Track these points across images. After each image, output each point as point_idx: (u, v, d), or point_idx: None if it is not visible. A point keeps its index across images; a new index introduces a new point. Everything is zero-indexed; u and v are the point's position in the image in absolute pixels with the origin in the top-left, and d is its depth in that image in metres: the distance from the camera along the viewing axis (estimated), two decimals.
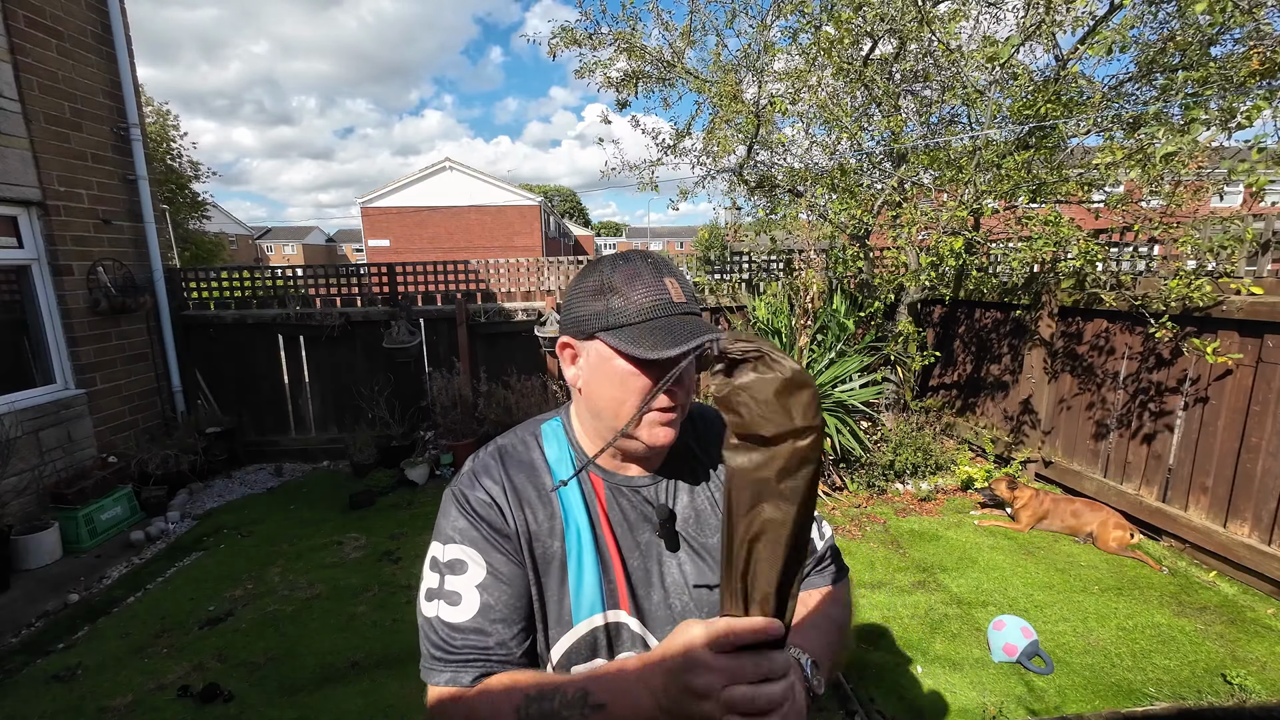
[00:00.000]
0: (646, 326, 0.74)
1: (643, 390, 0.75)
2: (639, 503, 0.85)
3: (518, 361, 5.16)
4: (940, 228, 3.89)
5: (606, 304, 0.76)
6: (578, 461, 0.85)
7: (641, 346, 0.71)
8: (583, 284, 0.80)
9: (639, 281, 0.76)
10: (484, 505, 0.80)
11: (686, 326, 0.73)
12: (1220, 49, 3.33)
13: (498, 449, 0.86)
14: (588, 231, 61.85)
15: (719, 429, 0.93)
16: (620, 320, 0.75)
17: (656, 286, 0.76)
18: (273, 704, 2.32)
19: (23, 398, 3.76)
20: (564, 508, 0.82)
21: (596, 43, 4.82)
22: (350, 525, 3.91)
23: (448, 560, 0.78)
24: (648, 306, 0.75)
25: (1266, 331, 2.83)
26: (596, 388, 0.79)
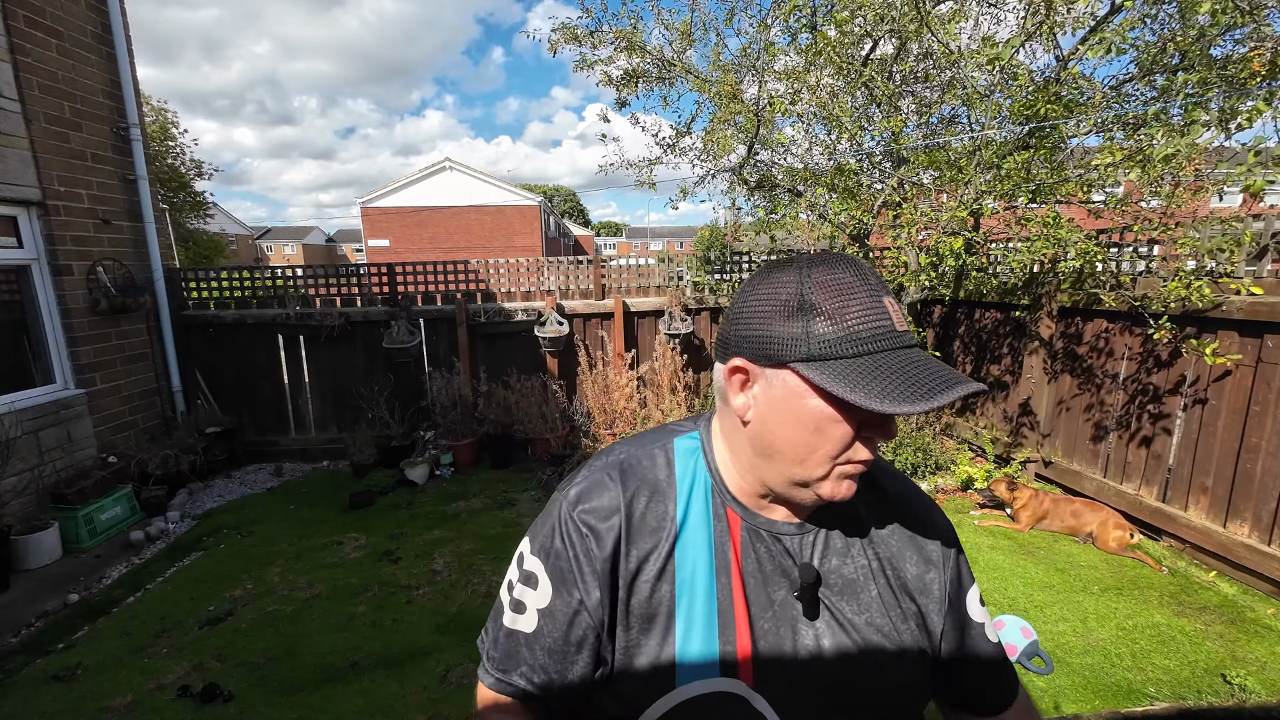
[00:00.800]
0: (868, 364, 0.59)
1: (843, 439, 0.62)
2: (779, 553, 0.71)
3: (518, 361, 5.16)
4: (940, 228, 3.89)
5: (806, 327, 0.61)
6: (714, 494, 0.72)
7: (867, 392, 0.57)
8: (766, 294, 0.64)
9: (852, 301, 0.61)
10: (581, 534, 0.69)
11: (923, 368, 0.59)
12: (1220, 50, 3.33)
13: (620, 463, 0.74)
14: (588, 231, 61.87)
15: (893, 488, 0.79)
16: (829, 351, 0.60)
17: (875, 309, 0.61)
18: (272, 704, 2.32)
19: (22, 398, 3.76)
20: (685, 545, 0.70)
21: (597, 40, 4.82)
22: (350, 525, 3.91)
23: (527, 569, 0.73)
24: (866, 336, 0.60)
25: (1266, 332, 2.84)
26: (778, 427, 0.64)
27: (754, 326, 0.64)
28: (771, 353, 0.63)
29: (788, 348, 0.62)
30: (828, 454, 0.63)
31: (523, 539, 0.76)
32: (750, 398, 0.66)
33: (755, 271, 0.69)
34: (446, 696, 2.33)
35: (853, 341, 0.60)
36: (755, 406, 0.66)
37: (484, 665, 0.74)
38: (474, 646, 2.61)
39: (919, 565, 0.75)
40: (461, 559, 3.41)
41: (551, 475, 4.37)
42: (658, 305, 5.28)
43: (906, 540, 0.75)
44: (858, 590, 0.72)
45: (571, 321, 5.19)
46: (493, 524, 3.86)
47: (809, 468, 0.64)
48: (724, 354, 0.68)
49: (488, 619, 0.77)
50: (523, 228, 26.08)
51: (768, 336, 0.63)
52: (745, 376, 0.66)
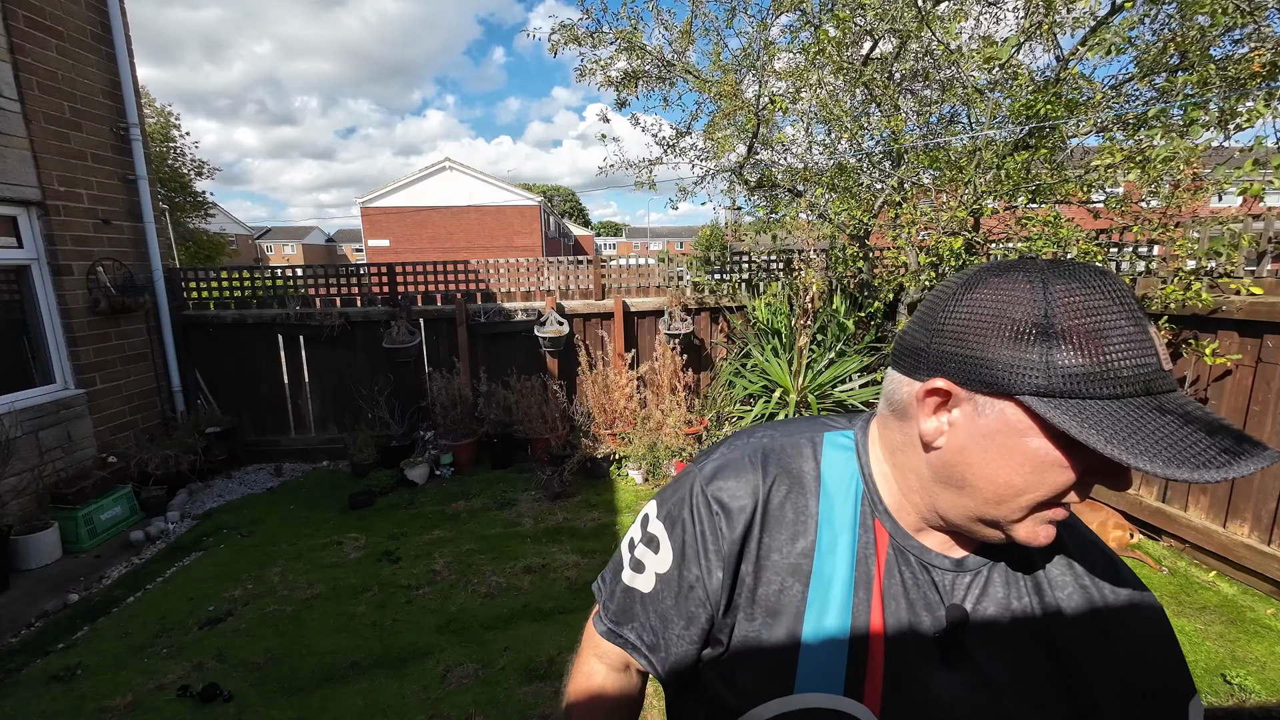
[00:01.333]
0: (1129, 410, 0.49)
1: (1060, 487, 0.53)
2: (925, 584, 0.63)
3: (518, 361, 5.16)
4: (940, 228, 3.89)
5: (1047, 355, 0.50)
6: (864, 501, 0.65)
7: (1134, 448, 0.46)
8: (989, 306, 0.53)
9: (1110, 328, 0.49)
10: (711, 511, 0.66)
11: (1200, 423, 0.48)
12: (1220, 50, 3.33)
13: (762, 448, 0.69)
14: (588, 231, 61.88)
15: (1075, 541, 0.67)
16: (1077, 388, 0.49)
17: (1138, 342, 0.49)
18: (272, 704, 2.32)
19: (22, 398, 3.75)
20: (824, 547, 0.64)
21: (597, 41, 4.83)
22: (350, 525, 3.91)
23: (650, 531, 0.73)
24: (1128, 376, 0.49)
25: (1266, 332, 2.84)
26: (981, 463, 0.55)
27: (968, 344, 0.54)
28: (992, 379, 0.52)
29: (1017, 376, 0.51)
30: (1036, 499, 0.54)
31: (649, 502, 0.76)
32: (946, 423, 0.57)
33: (967, 273, 0.57)
34: (446, 696, 2.33)
35: (1110, 381, 0.49)
36: (952, 434, 0.57)
37: (599, 613, 0.78)
38: (475, 646, 2.63)
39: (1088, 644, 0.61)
40: (461, 559, 3.41)
41: (551, 475, 4.37)
42: (658, 305, 5.28)
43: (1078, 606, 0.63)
44: (1004, 639, 0.61)
45: (571, 321, 5.19)
46: (493, 524, 3.86)
47: (1008, 510, 0.55)
48: (915, 368, 0.59)
49: (607, 567, 0.80)
50: (523, 228, 26.08)
51: (988, 360, 0.52)
52: (946, 400, 0.56)
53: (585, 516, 3.94)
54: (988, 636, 0.61)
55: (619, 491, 4.35)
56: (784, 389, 4.15)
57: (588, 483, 4.51)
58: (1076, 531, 0.68)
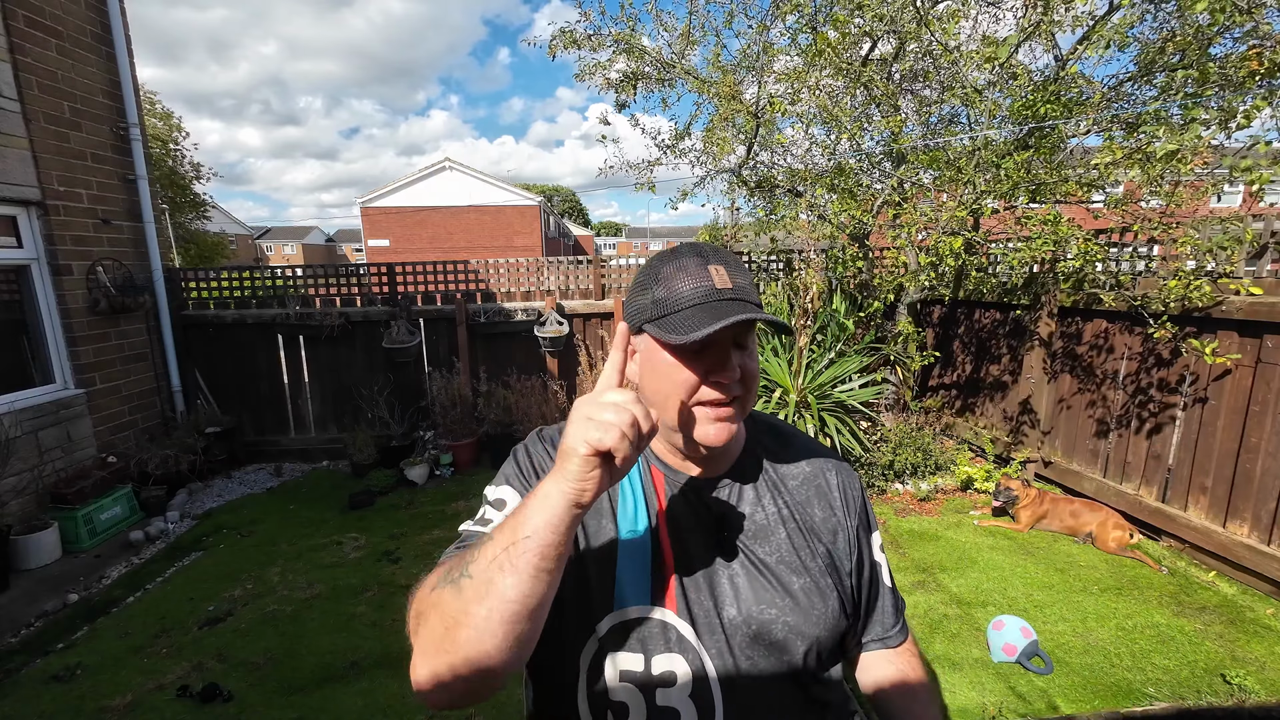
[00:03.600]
0: (686, 315, 0.73)
1: (688, 384, 0.74)
2: (698, 505, 0.83)
3: (518, 361, 5.16)
4: (940, 228, 3.89)
5: (652, 296, 0.76)
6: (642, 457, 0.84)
7: (675, 333, 0.71)
8: (636, 280, 0.81)
9: (683, 272, 0.76)
10: (541, 458, 0.84)
11: (723, 309, 0.71)
12: (1219, 49, 3.33)
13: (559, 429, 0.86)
14: (588, 231, 61.86)
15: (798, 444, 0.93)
16: (660, 310, 0.75)
17: (699, 275, 0.75)
18: (272, 704, 2.32)
19: (22, 398, 3.75)
20: (624, 491, 0.82)
21: (596, 44, 4.83)
22: (350, 525, 3.91)
23: (494, 498, 0.82)
24: (687, 294, 0.74)
25: (1266, 332, 2.84)
26: (646, 382, 0.78)
27: (628, 306, 0.81)
28: (633, 322, 0.78)
29: (640, 315, 0.77)
30: (678, 396, 0.74)
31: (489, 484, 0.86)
32: (635, 364, 0.80)
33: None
34: None
35: (676, 300, 0.74)
36: (639, 368, 0.79)
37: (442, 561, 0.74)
38: None
39: (824, 510, 0.87)
40: None
41: None
42: None
43: (813, 490, 0.88)
44: (768, 534, 0.83)
45: (571, 321, 5.19)
46: None
47: (669, 411, 0.76)
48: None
49: None
50: (522, 227, 26.07)
51: (632, 311, 0.79)
52: (633, 347, 0.79)
53: None
54: (750, 530, 0.83)
55: None
56: (784, 389, 4.16)
57: None
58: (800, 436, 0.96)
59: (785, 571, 0.81)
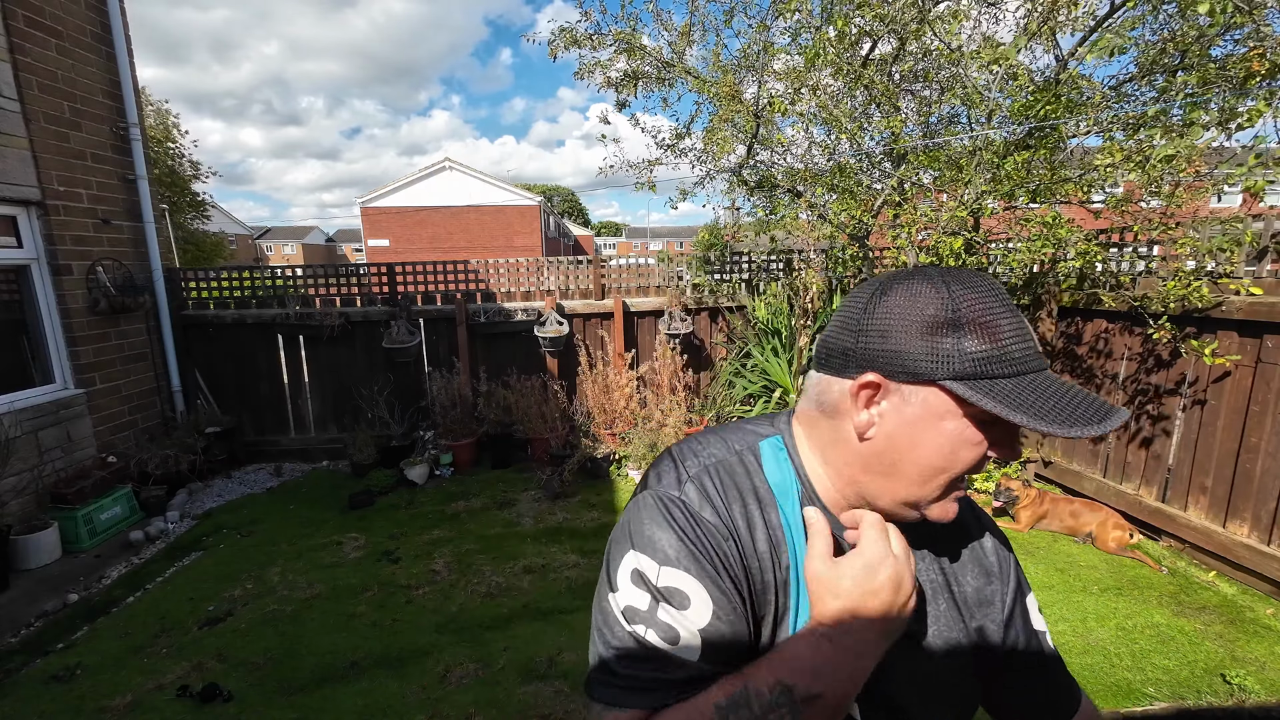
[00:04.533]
0: (1024, 384, 0.58)
1: (972, 462, 0.61)
2: None
3: (518, 361, 5.16)
4: (940, 228, 3.89)
5: (958, 344, 0.58)
6: (802, 500, 0.69)
7: (1033, 414, 0.55)
8: (904, 307, 0.61)
9: (1001, 319, 0.59)
10: (714, 532, 0.64)
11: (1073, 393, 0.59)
12: (1220, 50, 3.33)
13: (718, 465, 0.69)
14: (588, 231, 61.88)
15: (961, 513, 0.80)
16: (983, 369, 0.58)
17: (1021, 329, 0.60)
18: (272, 704, 2.32)
19: (22, 397, 3.75)
20: (795, 553, 0.68)
21: (596, 43, 4.83)
22: (350, 525, 3.91)
23: (665, 586, 0.62)
24: (1019, 356, 0.58)
25: (1266, 332, 2.84)
26: (908, 447, 0.62)
27: (892, 340, 0.61)
28: (915, 369, 0.59)
29: (937, 364, 0.59)
30: (953, 476, 0.61)
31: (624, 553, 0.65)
32: (878, 415, 0.63)
33: (876, 280, 0.65)
34: (446, 696, 2.33)
35: (1007, 361, 0.58)
36: (882, 424, 0.63)
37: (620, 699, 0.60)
38: (475, 646, 2.63)
39: (979, 578, 0.75)
40: (461, 559, 3.41)
41: (551, 475, 4.37)
42: (658, 305, 5.28)
43: (966, 552, 0.76)
44: (924, 604, 0.71)
45: (571, 321, 5.19)
46: (492, 524, 3.86)
47: (929, 489, 0.63)
48: (845, 367, 0.64)
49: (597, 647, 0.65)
50: (522, 227, 26.08)
51: (910, 352, 0.60)
52: (875, 392, 0.63)
53: (585, 516, 3.94)
54: None
55: (619, 491, 4.35)
56: (784, 389, 4.15)
57: (588, 482, 4.51)
58: None
59: (940, 646, 0.71)
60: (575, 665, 2.48)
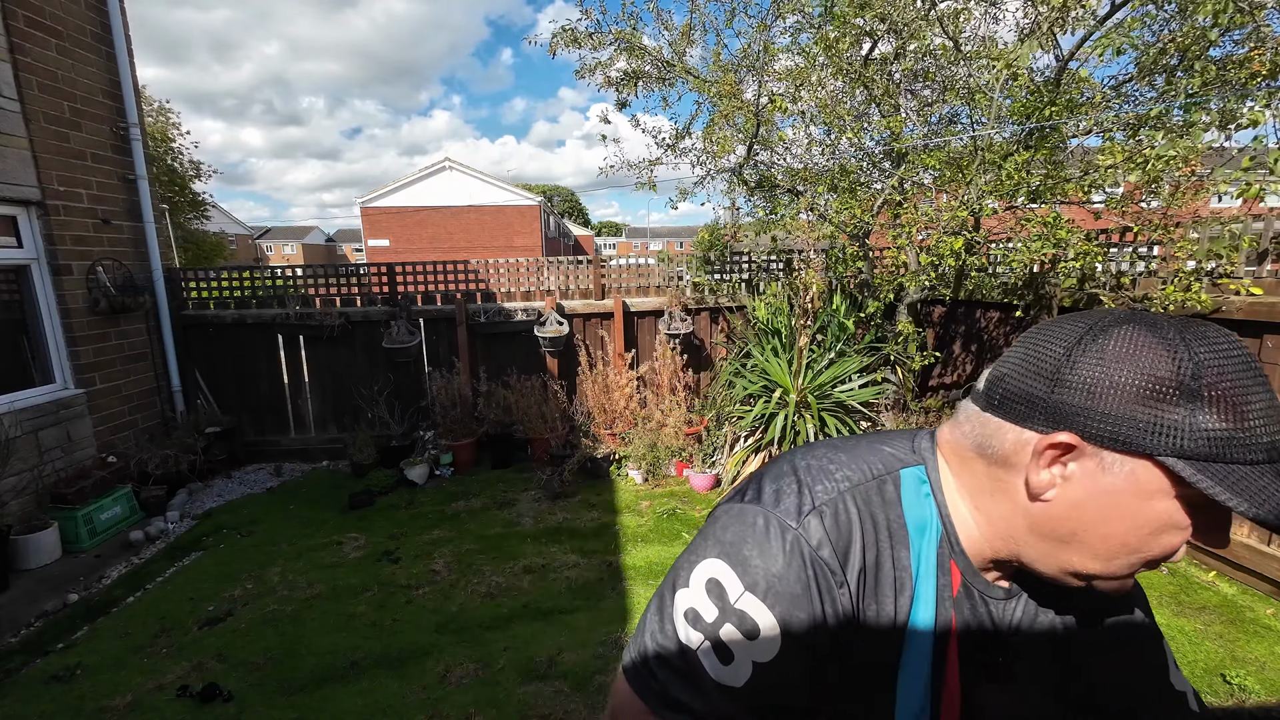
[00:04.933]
0: (1266, 477, 0.48)
1: (1172, 547, 0.53)
2: (983, 615, 0.64)
3: (518, 361, 5.16)
4: (940, 228, 3.89)
5: (1192, 416, 0.49)
6: (943, 543, 0.63)
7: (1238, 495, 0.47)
8: (1125, 362, 0.51)
9: (1251, 395, 0.49)
10: (826, 576, 0.57)
11: None
12: (1220, 51, 3.33)
13: (852, 492, 0.61)
14: (588, 231, 61.88)
15: None
16: (1218, 452, 0.49)
17: (1273, 410, 0.50)
18: (272, 704, 2.32)
19: (22, 397, 3.75)
20: (919, 595, 0.61)
21: (597, 42, 4.83)
22: (350, 525, 3.91)
23: (741, 609, 0.56)
24: (1265, 444, 0.49)
25: (1266, 332, 2.84)
26: (1098, 521, 0.54)
27: (1102, 399, 0.51)
28: (1128, 438, 0.50)
29: (1158, 437, 0.49)
30: (1147, 559, 0.54)
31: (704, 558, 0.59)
32: (1060, 476, 0.54)
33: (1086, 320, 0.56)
34: (446, 696, 2.33)
35: (1251, 447, 0.48)
36: (1066, 489, 0.54)
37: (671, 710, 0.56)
38: (475, 646, 2.63)
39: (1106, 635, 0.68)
40: (461, 559, 3.41)
41: (551, 475, 4.37)
42: (658, 305, 5.28)
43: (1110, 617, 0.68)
44: (1037, 662, 0.65)
45: (571, 321, 5.19)
46: (492, 524, 3.86)
47: (1115, 567, 0.55)
48: (1028, 417, 0.56)
49: (650, 650, 0.58)
50: (522, 227, 26.09)
51: (1126, 417, 0.50)
52: (1065, 453, 0.54)
53: (585, 516, 3.94)
54: (1027, 654, 0.65)
55: (619, 491, 4.35)
56: (784, 389, 4.15)
57: (588, 482, 4.51)
58: None
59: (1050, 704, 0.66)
60: (575, 665, 2.48)
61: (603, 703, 2.27)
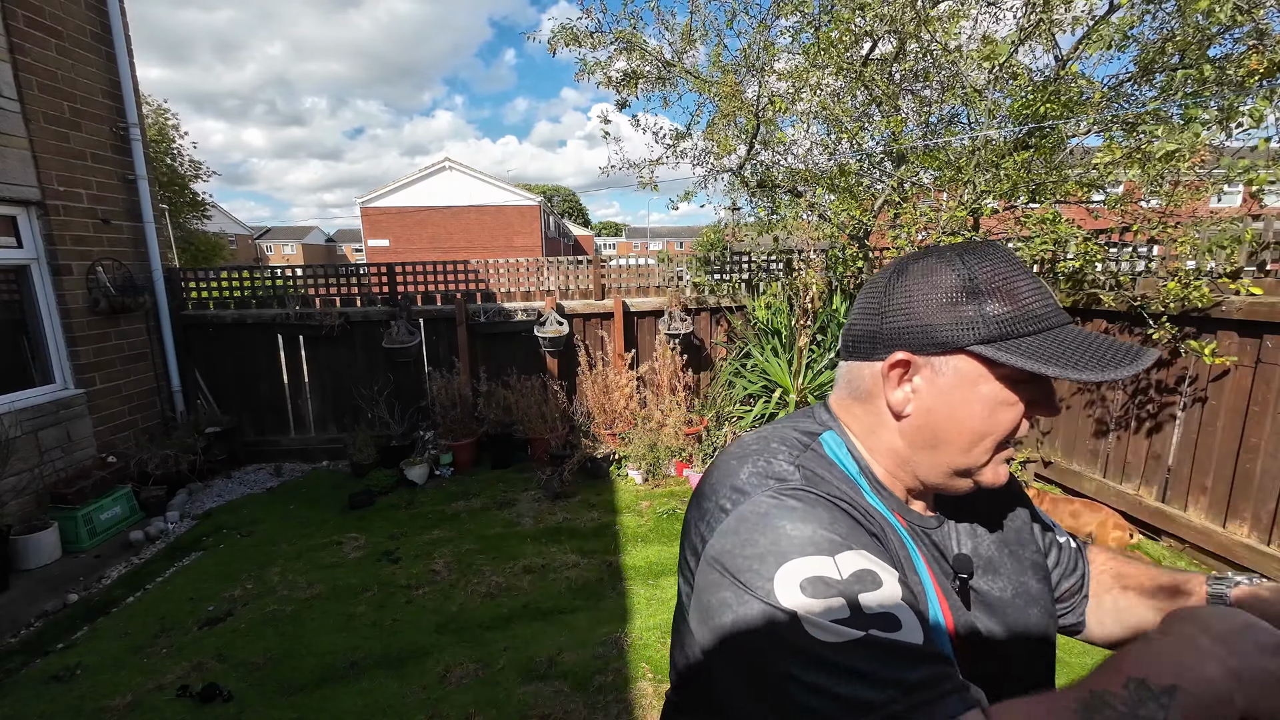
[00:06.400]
0: (1050, 339, 0.59)
1: (1013, 421, 0.62)
2: (930, 548, 0.68)
3: (518, 361, 5.16)
4: (939, 228, 3.89)
5: (980, 309, 0.60)
6: (872, 490, 0.67)
7: (1065, 364, 0.57)
8: (921, 284, 0.63)
9: (1017, 281, 0.61)
10: (846, 506, 0.61)
11: (1098, 340, 0.60)
12: (1220, 49, 3.33)
13: (801, 458, 0.65)
14: (588, 231, 61.89)
15: None
16: (1009, 330, 0.59)
17: (1039, 288, 0.61)
18: (272, 704, 2.32)
19: (22, 397, 3.75)
20: (909, 547, 0.66)
21: (597, 41, 4.83)
22: (350, 525, 3.91)
23: (850, 574, 0.53)
24: (1041, 313, 0.60)
25: (1265, 332, 2.84)
26: (947, 416, 0.62)
27: (915, 316, 0.62)
28: (942, 339, 0.61)
29: (962, 332, 0.60)
30: (997, 438, 0.62)
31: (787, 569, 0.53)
32: (913, 391, 0.64)
33: (890, 265, 0.68)
34: (446, 696, 2.33)
35: (1030, 319, 0.60)
36: (918, 399, 0.64)
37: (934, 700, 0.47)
38: (475, 646, 2.63)
39: (1014, 518, 0.78)
40: (461, 559, 3.41)
41: (551, 475, 4.37)
42: (658, 305, 5.28)
43: (996, 499, 0.77)
44: (996, 566, 0.72)
45: (571, 321, 5.19)
46: (492, 524, 3.86)
47: (976, 455, 0.63)
48: (872, 350, 0.66)
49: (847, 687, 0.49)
50: (522, 227, 26.09)
51: (935, 324, 0.61)
52: (907, 369, 0.64)
53: (585, 516, 3.94)
54: (980, 566, 0.71)
55: (619, 491, 4.35)
56: (784, 389, 4.15)
57: (588, 483, 4.51)
58: None
59: (1022, 605, 0.71)
60: (575, 665, 2.48)
61: (602, 702, 2.28)
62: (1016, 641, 0.68)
